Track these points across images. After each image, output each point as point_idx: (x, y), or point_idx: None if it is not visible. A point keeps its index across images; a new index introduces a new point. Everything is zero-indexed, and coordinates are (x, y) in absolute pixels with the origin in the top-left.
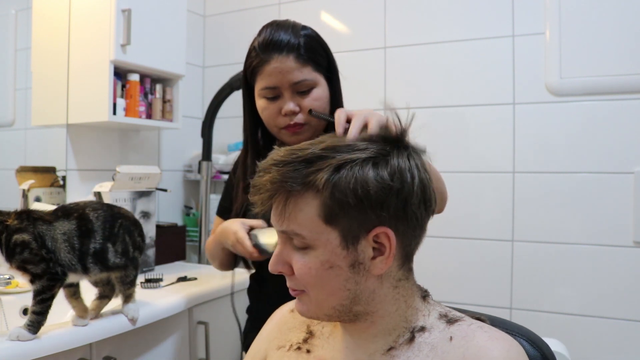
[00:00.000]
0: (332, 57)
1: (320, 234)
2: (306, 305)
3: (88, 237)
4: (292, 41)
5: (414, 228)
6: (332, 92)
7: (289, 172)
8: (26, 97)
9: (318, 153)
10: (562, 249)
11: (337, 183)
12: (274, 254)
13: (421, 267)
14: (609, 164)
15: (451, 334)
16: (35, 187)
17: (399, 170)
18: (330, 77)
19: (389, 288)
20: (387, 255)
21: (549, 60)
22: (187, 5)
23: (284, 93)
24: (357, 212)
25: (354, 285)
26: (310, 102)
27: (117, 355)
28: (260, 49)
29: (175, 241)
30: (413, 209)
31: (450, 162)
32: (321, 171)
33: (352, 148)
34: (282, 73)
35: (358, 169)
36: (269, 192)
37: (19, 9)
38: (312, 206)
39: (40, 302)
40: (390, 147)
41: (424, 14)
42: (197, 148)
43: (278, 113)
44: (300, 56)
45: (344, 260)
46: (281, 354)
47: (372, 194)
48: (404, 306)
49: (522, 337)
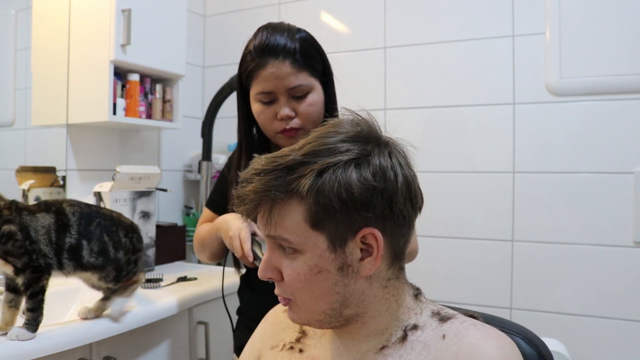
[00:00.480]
0: (327, 61)
1: (307, 239)
2: (297, 313)
3: (64, 231)
4: (288, 45)
5: (401, 226)
6: (327, 97)
7: (271, 180)
8: (26, 97)
9: (299, 159)
10: (562, 249)
11: (321, 188)
12: (263, 260)
13: (421, 267)
14: (609, 164)
15: (444, 332)
16: (35, 187)
17: (382, 169)
18: (326, 81)
19: (379, 288)
20: (375, 255)
21: (549, 60)
22: (187, 5)
23: (280, 98)
24: (343, 215)
25: (343, 288)
26: (305, 107)
27: (117, 355)
28: (256, 53)
29: (175, 241)
30: (399, 207)
31: (450, 162)
32: (303, 177)
33: (333, 151)
34: (278, 78)
35: (341, 172)
36: (253, 202)
37: (19, 9)
38: (298, 212)
39: (31, 297)
40: (371, 147)
41: (424, 14)
42: (197, 148)
43: (274, 117)
44: (296, 62)
45: (332, 263)
46: (274, 354)
47: (357, 196)
48: (395, 305)
49: (518, 335)
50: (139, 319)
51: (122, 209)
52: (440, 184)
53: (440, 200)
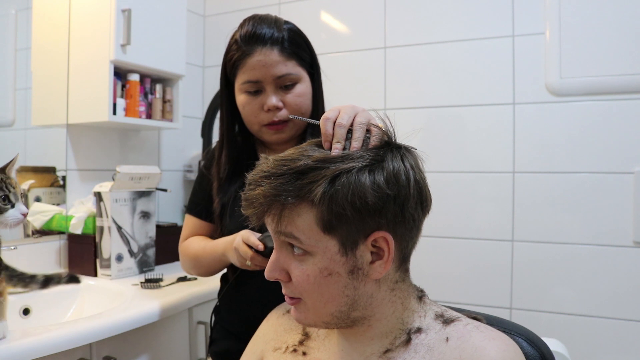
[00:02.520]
0: (315, 53)
1: (318, 242)
2: (303, 313)
3: None
4: (275, 34)
5: (411, 229)
6: (314, 89)
7: (281, 185)
8: (26, 97)
9: (311, 164)
10: (562, 249)
11: (334, 196)
12: (270, 261)
13: (421, 267)
14: (609, 164)
15: (447, 335)
16: (35, 187)
17: (395, 174)
18: (313, 73)
19: (386, 291)
20: (385, 259)
21: (549, 60)
22: (187, 5)
23: (267, 87)
24: (356, 220)
25: (353, 290)
26: (293, 98)
27: (117, 355)
28: (243, 42)
29: (175, 241)
30: (410, 211)
31: (450, 162)
32: (315, 183)
33: (346, 157)
34: (265, 66)
35: (354, 179)
36: (263, 206)
37: (19, 9)
38: (309, 216)
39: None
40: (384, 151)
41: (424, 14)
42: (197, 148)
43: (260, 109)
44: (285, 49)
45: (342, 266)
46: (277, 356)
47: (370, 204)
48: (401, 308)
49: (520, 336)
50: (139, 319)
51: (122, 209)
52: (440, 184)
53: (439, 201)
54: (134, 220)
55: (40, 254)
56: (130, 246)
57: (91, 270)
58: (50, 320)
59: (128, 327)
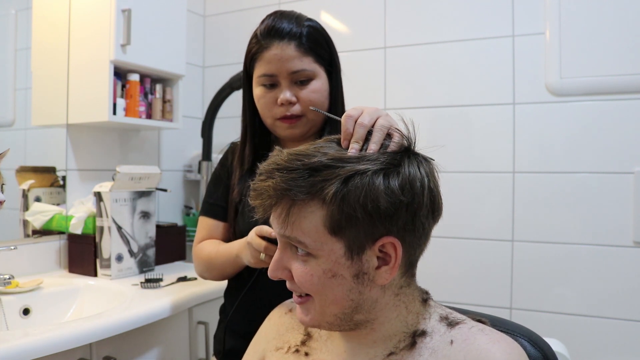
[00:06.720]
0: (335, 51)
1: (324, 244)
2: (310, 314)
3: None
4: (294, 30)
5: (420, 237)
6: (332, 87)
7: (293, 179)
8: (26, 97)
9: (325, 162)
10: (562, 249)
11: (346, 197)
12: (274, 260)
13: (421, 267)
14: (609, 164)
15: (452, 338)
16: (35, 187)
17: (410, 181)
18: (331, 71)
19: (391, 296)
20: (392, 265)
21: (549, 60)
22: (187, 5)
23: (282, 82)
24: (365, 224)
25: (357, 295)
26: (307, 94)
27: (117, 355)
28: (262, 36)
29: (175, 241)
30: (422, 219)
31: (450, 162)
32: (328, 182)
33: (362, 158)
34: (281, 60)
35: (368, 181)
36: (272, 198)
37: (19, 9)
38: (317, 215)
39: None
40: (401, 156)
41: (424, 14)
42: (197, 148)
43: (274, 102)
44: (302, 45)
45: (347, 270)
46: (279, 356)
47: (382, 208)
48: (405, 312)
49: (523, 337)
50: (139, 319)
51: (122, 209)
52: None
53: None
54: (134, 220)
55: (40, 254)
56: (130, 246)
57: (91, 270)
58: (50, 320)
59: (128, 327)
